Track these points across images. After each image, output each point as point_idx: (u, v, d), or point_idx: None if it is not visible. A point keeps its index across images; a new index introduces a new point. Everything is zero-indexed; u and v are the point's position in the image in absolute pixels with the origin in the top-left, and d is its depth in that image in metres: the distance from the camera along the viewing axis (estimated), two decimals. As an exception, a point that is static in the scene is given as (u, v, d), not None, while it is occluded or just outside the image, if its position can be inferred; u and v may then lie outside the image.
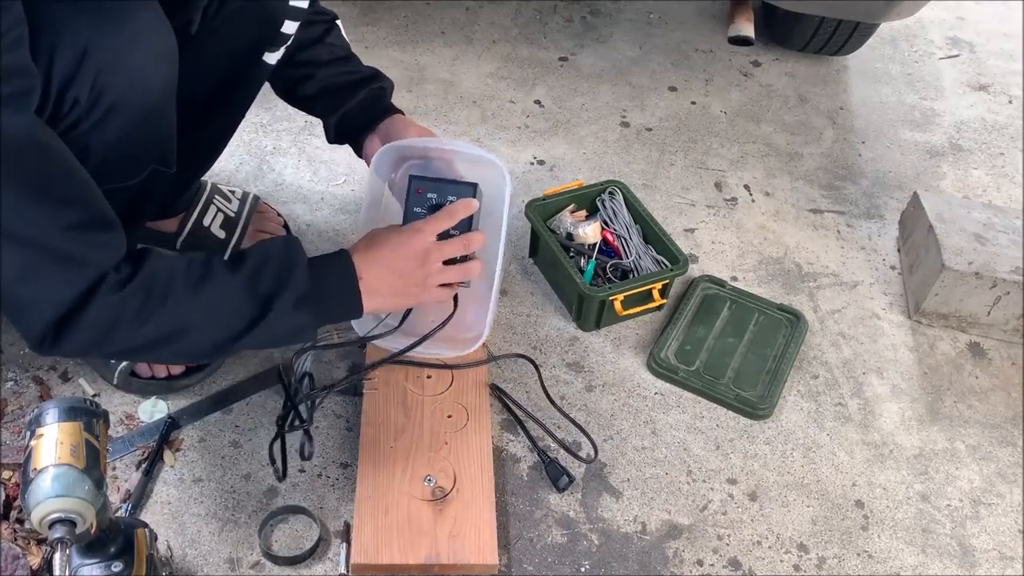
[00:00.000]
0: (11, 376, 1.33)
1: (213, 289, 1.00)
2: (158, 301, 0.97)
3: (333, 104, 1.33)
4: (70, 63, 0.96)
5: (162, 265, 0.99)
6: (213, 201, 1.52)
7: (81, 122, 1.00)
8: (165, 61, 1.06)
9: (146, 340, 0.99)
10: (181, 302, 0.99)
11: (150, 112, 1.07)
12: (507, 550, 1.22)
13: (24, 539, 1.13)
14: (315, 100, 1.35)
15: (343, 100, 1.32)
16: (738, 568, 1.24)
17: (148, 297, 0.97)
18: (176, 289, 0.98)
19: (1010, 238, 1.63)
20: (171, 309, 0.98)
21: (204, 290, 1.00)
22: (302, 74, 1.33)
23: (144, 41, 1.02)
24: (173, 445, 1.28)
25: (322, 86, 1.33)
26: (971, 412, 1.50)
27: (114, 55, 0.99)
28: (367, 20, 2.18)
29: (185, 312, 0.99)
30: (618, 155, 1.92)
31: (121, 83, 1.01)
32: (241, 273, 1.02)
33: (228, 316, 1.01)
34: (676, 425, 1.41)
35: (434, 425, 1.31)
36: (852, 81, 2.26)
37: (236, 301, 1.01)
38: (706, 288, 1.60)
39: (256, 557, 1.18)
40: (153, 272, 0.98)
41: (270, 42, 1.23)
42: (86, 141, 1.02)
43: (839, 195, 1.90)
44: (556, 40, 2.22)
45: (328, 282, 1.07)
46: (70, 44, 0.96)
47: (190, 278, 1.00)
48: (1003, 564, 1.30)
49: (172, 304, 0.98)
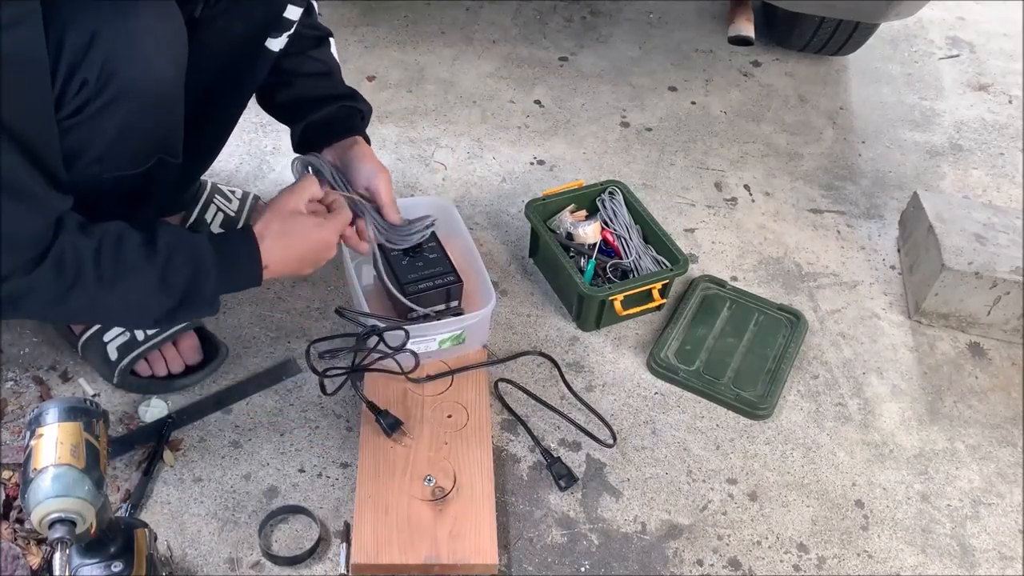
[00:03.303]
0: (11, 376, 1.33)
1: (124, 284, 1.03)
2: (67, 287, 0.99)
3: (302, 113, 1.33)
4: (79, 47, 0.97)
5: (70, 251, 0.99)
6: (213, 201, 1.52)
7: (88, 105, 1.00)
8: (174, 49, 1.07)
9: (63, 316, 1.09)
10: (92, 291, 1.01)
11: (158, 99, 1.07)
12: (507, 550, 1.22)
13: (24, 539, 1.13)
14: (287, 108, 1.35)
15: (312, 111, 1.32)
16: (738, 568, 1.24)
17: (58, 280, 0.98)
18: (86, 279, 1.00)
19: (1010, 238, 1.63)
20: (80, 295, 1.00)
21: (116, 284, 1.02)
22: (280, 81, 1.32)
23: (154, 29, 1.03)
24: (173, 445, 1.28)
25: (296, 95, 1.33)
26: (971, 412, 1.50)
27: (124, 41, 0.99)
28: (367, 20, 2.18)
29: (96, 301, 1.03)
30: (618, 155, 1.92)
31: (130, 69, 1.01)
32: (154, 265, 1.03)
33: (142, 307, 1.06)
34: (676, 425, 1.41)
35: (434, 425, 1.31)
36: (852, 81, 2.26)
37: (149, 296, 1.05)
38: (706, 288, 1.60)
39: (256, 557, 1.18)
40: (61, 253, 0.98)
41: (273, 27, 1.23)
42: (92, 126, 1.02)
43: (839, 195, 1.90)
44: (556, 40, 2.22)
45: (236, 273, 1.11)
46: (80, 28, 0.96)
47: (102, 267, 1.00)
48: (1003, 564, 1.30)
49: (80, 293, 1.00)
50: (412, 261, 1.37)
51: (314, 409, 1.35)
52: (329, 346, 1.31)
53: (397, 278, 1.36)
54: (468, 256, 1.44)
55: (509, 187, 1.79)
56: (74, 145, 1.03)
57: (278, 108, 1.37)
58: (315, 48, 1.34)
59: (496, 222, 1.71)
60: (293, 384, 1.38)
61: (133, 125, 1.06)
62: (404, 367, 1.33)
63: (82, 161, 1.05)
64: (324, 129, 1.31)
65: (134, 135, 1.08)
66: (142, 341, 1.29)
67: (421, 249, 1.39)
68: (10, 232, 0.93)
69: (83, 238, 0.99)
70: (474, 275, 1.42)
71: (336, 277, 1.54)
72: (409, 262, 1.37)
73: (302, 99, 1.33)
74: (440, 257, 1.40)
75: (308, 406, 1.35)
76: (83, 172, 1.07)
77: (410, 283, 1.35)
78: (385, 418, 1.28)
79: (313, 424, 1.33)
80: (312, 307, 1.49)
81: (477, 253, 1.44)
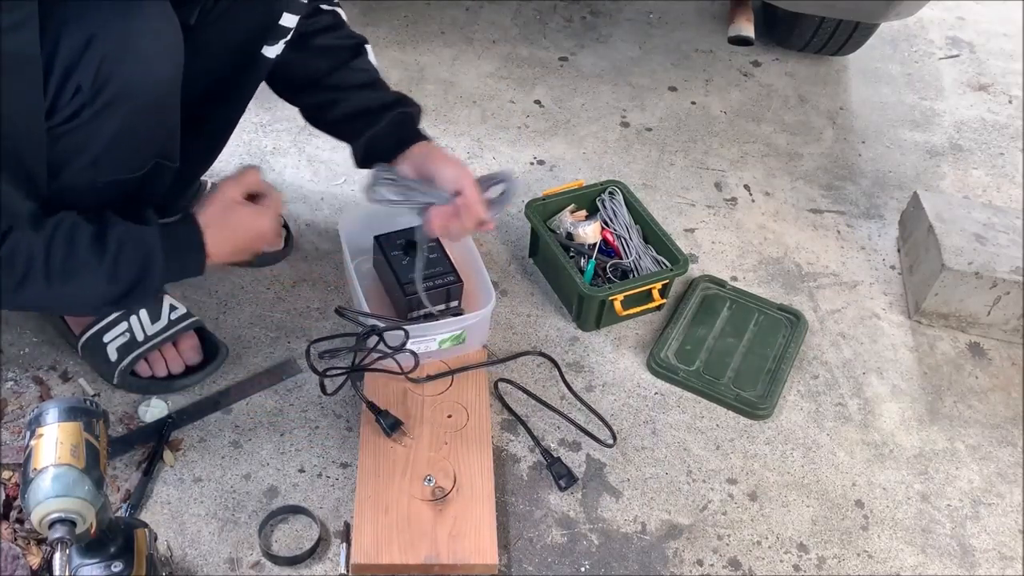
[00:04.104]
0: (11, 376, 1.33)
1: (75, 280, 1.05)
2: (19, 282, 1.01)
3: (359, 129, 1.31)
4: (74, 50, 0.96)
5: (22, 248, 1.01)
6: (213, 201, 1.52)
7: (83, 110, 1.00)
8: (171, 53, 1.06)
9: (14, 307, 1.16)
10: (44, 287, 1.03)
11: (154, 104, 1.07)
12: (507, 550, 1.22)
13: (24, 539, 1.13)
14: (341, 124, 1.33)
15: (369, 124, 1.30)
16: (738, 568, 1.24)
17: (10, 276, 1.01)
18: (36, 276, 1.02)
19: (1010, 238, 1.63)
20: (33, 291, 1.03)
21: (66, 279, 1.04)
22: (327, 99, 1.31)
23: (151, 32, 1.03)
24: (173, 445, 1.28)
25: (347, 111, 1.31)
26: (971, 412, 1.50)
27: (120, 44, 0.99)
28: (367, 20, 2.18)
29: (49, 295, 1.05)
30: (618, 155, 1.92)
31: (126, 73, 1.01)
32: (104, 261, 1.05)
33: (90, 300, 1.11)
34: (676, 425, 1.41)
35: (434, 425, 1.31)
36: (852, 81, 2.26)
37: (98, 287, 1.07)
38: (706, 288, 1.60)
39: (256, 557, 1.18)
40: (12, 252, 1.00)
41: (269, 35, 1.22)
42: (88, 130, 1.02)
43: (839, 195, 1.90)
44: (556, 40, 2.22)
45: (182, 264, 1.13)
46: (76, 31, 0.96)
47: (52, 263, 1.02)
48: (1003, 564, 1.30)
49: (31, 287, 1.02)
50: (412, 261, 1.37)
51: (314, 409, 1.35)
52: (329, 346, 1.31)
53: (398, 278, 1.36)
54: (468, 256, 1.44)
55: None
56: (68, 149, 1.03)
57: (331, 126, 1.35)
58: (355, 58, 1.33)
59: (496, 222, 1.71)
60: (293, 384, 1.38)
61: (129, 129, 1.05)
62: (404, 367, 1.33)
63: (76, 165, 1.05)
64: (388, 140, 1.28)
65: (130, 139, 1.07)
66: (142, 341, 1.30)
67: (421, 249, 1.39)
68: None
69: (33, 234, 1.02)
70: (474, 275, 1.42)
71: (336, 277, 1.54)
72: (409, 262, 1.37)
73: (355, 114, 1.30)
74: (440, 257, 1.40)
75: (308, 406, 1.35)
76: (78, 177, 1.07)
77: (410, 283, 1.35)
78: (385, 418, 1.28)
79: (313, 424, 1.33)
80: (312, 307, 1.49)
81: (477, 253, 1.44)
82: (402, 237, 1.40)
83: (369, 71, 1.34)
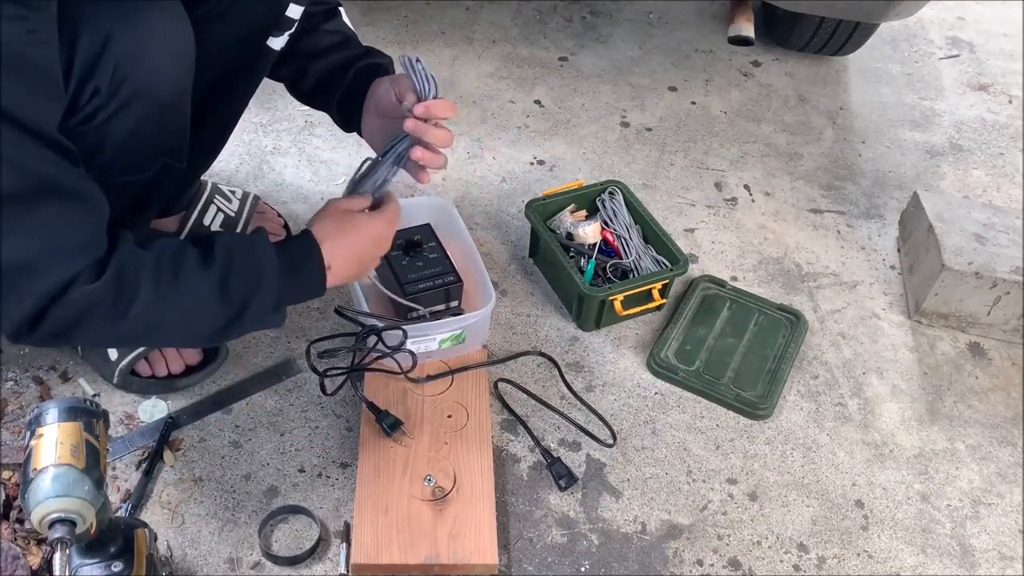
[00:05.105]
0: (11, 376, 1.33)
1: (185, 295, 0.98)
2: (129, 301, 0.95)
3: (329, 94, 1.29)
4: (91, 53, 0.97)
5: (130, 261, 0.95)
6: (213, 201, 1.52)
7: (99, 112, 1.01)
8: (183, 53, 1.07)
9: (118, 336, 1.03)
10: (152, 305, 0.96)
11: (167, 104, 1.07)
12: (507, 550, 1.22)
13: (24, 539, 1.13)
14: (315, 94, 1.32)
15: (337, 86, 1.27)
16: (738, 568, 1.24)
17: (120, 293, 0.94)
18: (147, 291, 0.95)
19: (1010, 238, 1.63)
20: (141, 310, 0.95)
21: (176, 295, 0.98)
22: (298, 67, 1.29)
23: (164, 33, 1.03)
24: (173, 445, 1.28)
25: (317, 78, 1.29)
26: (971, 412, 1.50)
27: (135, 45, 0.99)
28: (367, 20, 2.18)
29: (156, 315, 0.98)
30: (618, 155, 1.92)
31: (141, 73, 1.01)
32: (213, 273, 0.99)
33: (202, 320, 1.01)
34: (676, 425, 1.41)
35: (434, 425, 1.31)
36: (852, 81, 2.26)
37: (210, 306, 1.00)
38: (706, 288, 1.60)
39: (256, 557, 1.18)
40: (122, 265, 0.95)
41: (275, 26, 1.22)
42: (102, 133, 1.02)
43: (839, 195, 1.90)
44: (556, 40, 2.22)
45: (300, 281, 1.07)
46: (92, 34, 0.96)
47: (161, 277, 0.97)
48: (1003, 564, 1.30)
49: (140, 307, 0.95)
50: (412, 261, 1.37)
51: (314, 409, 1.35)
52: (329, 346, 1.31)
53: (397, 278, 1.36)
54: (468, 256, 1.44)
55: (509, 187, 1.79)
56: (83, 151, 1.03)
57: (307, 97, 1.33)
58: (327, 21, 1.31)
59: (496, 222, 1.71)
60: (293, 384, 1.38)
61: (141, 131, 1.05)
62: (404, 367, 1.33)
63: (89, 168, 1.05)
64: (355, 98, 1.25)
65: (142, 141, 1.07)
66: (143, 341, 1.29)
67: (421, 249, 1.39)
68: (65, 238, 0.90)
69: (141, 249, 0.97)
70: (474, 275, 1.42)
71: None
72: (409, 262, 1.37)
73: (323, 79, 1.28)
74: (440, 257, 1.40)
75: (308, 406, 1.35)
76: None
77: (410, 283, 1.35)
78: (385, 418, 1.28)
79: (313, 424, 1.33)
80: (312, 307, 1.49)
81: (477, 253, 1.44)
82: (402, 237, 1.40)
83: (341, 31, 1.32)
